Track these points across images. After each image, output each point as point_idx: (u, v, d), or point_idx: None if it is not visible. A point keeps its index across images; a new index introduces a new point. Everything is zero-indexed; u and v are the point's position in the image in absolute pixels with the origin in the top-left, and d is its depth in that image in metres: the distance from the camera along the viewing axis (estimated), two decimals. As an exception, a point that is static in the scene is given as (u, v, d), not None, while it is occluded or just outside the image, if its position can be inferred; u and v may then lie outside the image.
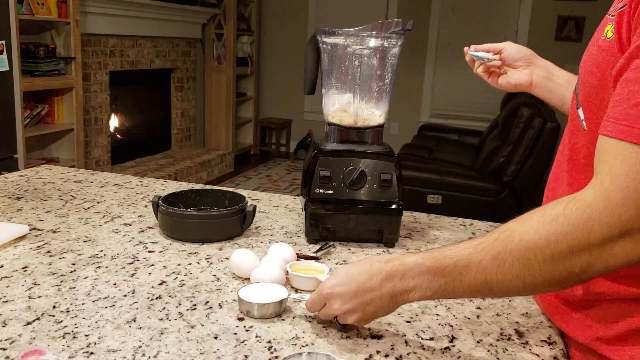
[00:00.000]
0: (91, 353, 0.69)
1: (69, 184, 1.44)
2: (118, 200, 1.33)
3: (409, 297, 0.71)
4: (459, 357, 0.73)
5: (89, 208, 1.26)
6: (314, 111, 6.28)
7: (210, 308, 0.82)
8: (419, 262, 0.70)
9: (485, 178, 3.34)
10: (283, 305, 0.82)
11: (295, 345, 0.74)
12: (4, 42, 2.93)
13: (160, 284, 0.90)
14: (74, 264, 0.96)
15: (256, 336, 0.75)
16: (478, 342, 0.77)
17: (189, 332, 0.75)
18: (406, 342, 0.76)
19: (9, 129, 3.08)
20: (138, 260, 0.98)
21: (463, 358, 0.73)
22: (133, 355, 0.69)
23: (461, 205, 3.27)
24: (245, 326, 0.78)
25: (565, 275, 0.63)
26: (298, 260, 0.98)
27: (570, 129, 0.79)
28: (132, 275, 0.92)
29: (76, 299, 0.83)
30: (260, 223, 1.21)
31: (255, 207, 1.14)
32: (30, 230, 1.10)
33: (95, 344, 0.71)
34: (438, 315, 0.84)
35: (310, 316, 0.81)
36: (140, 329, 0.76)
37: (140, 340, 0.73)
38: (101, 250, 1.02)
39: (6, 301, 0.82)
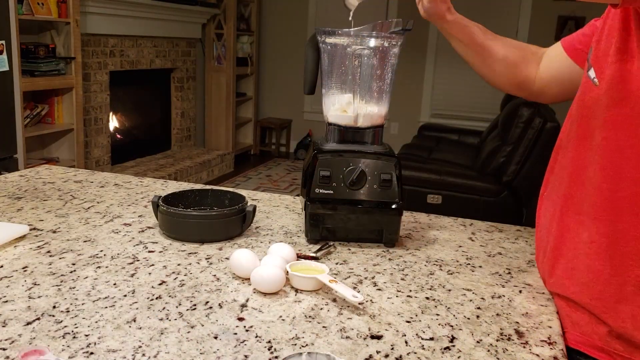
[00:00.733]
0: (91, 353, 0.69)
1: (69, 184, 1.45)
2: (118, 200, 1.33)
3: None
4: (459, 357, 0.73)
5: (89, 208, 1.26)
6: (314, 111, 6.28)
7: (210, 308, 0.83)
8: None
9: (485, 178, 3.34)
10: None
11: (295, 345, 0.74)
12: (4, 42, 2.93)
13: (160, 284, 0.90)
14: (74, 264, 0.96)
15: (256, 336, 0.75)
16: (478, 342, 0.77)
17: (189, 332, 0.75)
18: (406, 342, 0.76)
19: (9, 129, 3.09)
20: (138, 260, 0.98)
21: (463, 358, 0.73)
22: (133, 355, 0.69)
23: (461, 205, 3.27)
24: (245, 326, 0.78)
25: None
26: (298, 260, 0.98)
27: (579, 103, 0.85)
28: (132, 275, 0.92)
29: (76, 299, 0.83)
30: (260, 223, 1.21)
31: (255, 207, 1.14)
32: (30, 230, 1.10)
33: (95, 344, 0.71)
34: (438, 315, 0.84)
35: (310, 316, 0.81)
36: (140, 329, 0.76)
37: (140, 340, 0.73)
38: (101, 250, 1.02)
39: (6, 301, 0.82)
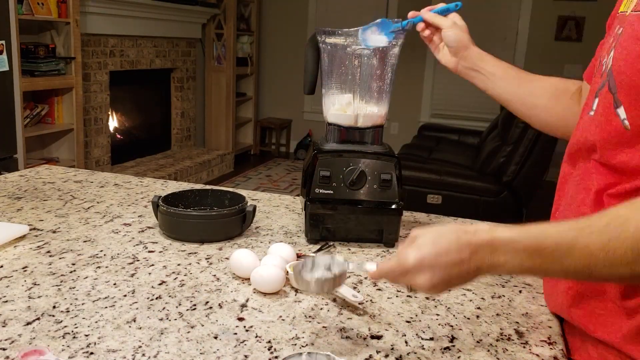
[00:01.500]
0: (91, 353, 0.69)
1: (69, 184, 1.45)
2: (118, 200, 1.33)
3: (495, 271, 0.68)
4: (459, 357, 0.73)
5: (89, 208, 1.26)
6: (314, 111, 6.28)
7: (210, 308, 0.83)
8: (514, 239, 0.66)
9: (485, 178, 3.34)
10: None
11: (295, 345, 0.74)
12: (4, 42, 2.93)
13: (160, 284, 0.90)
14: (74, 264, 0.96)
15: (256, 336, 0.75)
16: (478, 342, 0.77)
17: (189, 332, 0.75)
18: (406, 342, 0.76)
19: (9, 129, 3.08)
20: (138, 260, 0.98)
21: (463, 358, 0.73)
22: (133, 355, 0.69)
23: (461, 205, 3.27)
24: (245, 326, 0.78)
25: None
26: (298, 260, 0.98)
27: (600, 134, 0.75)
28: (132, 275, 0.92)
29: (76, 299, 0.83)
30: (260, 223, 1.21)
31: (255, 207, 1.14)
32: (30, 230, 1.10)
33: (95, 344, 0.71)
34: (438, 315, 0.84)
35: (310, 316, 0.82)
36: (140, 329, 0.76)
37: (140, 340, 0.73)
38: (101, 250, 1.02)
39: (6, 301, 0.82)
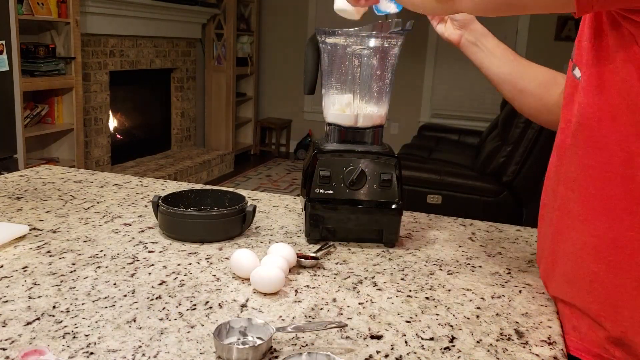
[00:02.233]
0: (91, 353, 0.69)
1: (69, 184, 1.45)
2: (118, 200, 1.33)
3: None
4: (458, 357, 0.73)
5: (89, 208, 1.26)
6: (314, 111, 6.28)
7: (210, 308, 0.83)
8: None
9: (485, 178, 3.34)
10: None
11: (295, 345, 0.74)
12: (4, 42, 2.93)
13: (160, 284, 0.90)
14: (74, 264, 0.96)
15: (256, 336, 0.75)
16: (478, 342, 0.77)
17: (189, 332, 0.75)
18: (406, 342, 0.76)
19: (9, 129, 3.09)
20: (138, 260, 0.98)
21: (463, 358, 0.73)
22: (133, 355, 0.69)
23: (461, 205, 3.27)
24: (245, 326, 0.78)
25: None
26: (298, 260, 0.98)
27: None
28: (132, 275, 0.92)
29: (76, 299, 0.83)
30: (260, 223, 1.21)
31: (255, 207, 1.14)
32: (30, 230, 1.10)
33: (95, 344, 0.71)
34: (438, 315, 0.84)
35: (310, 316, 0.82)
36: (140, 329, 0.76)
37: (140, 340, 0.73)
38: (101, 250, 1.02)
39: (6, 301, 0.82)
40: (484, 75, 1.11)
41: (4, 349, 0.69)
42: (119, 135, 4.74)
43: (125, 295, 0.85)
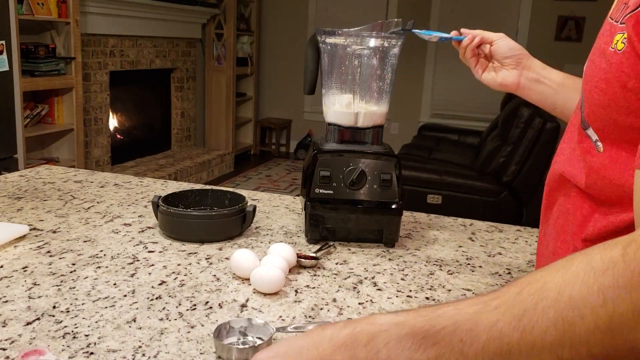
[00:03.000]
0: (91, 353, 0.69)
1: (69, 184, 1.45)
2: (118, 200, 1.33)
3: None
4: (459, 357, 0.73)
5: (89, 208, 1.26)
6: (314, 111, 6.28)
7: (210, 308, 0.83)
8: (398, 322, 0.47)
9: (485, 178, 3.34)
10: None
11: (295, 345, 0.74)
12: (4, 42, 2.93)
13: (160, 284, 0.90)
14: (74, 264, 0.96)
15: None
16: (478, 342, 0.77)
17: (189, 332, 0.75)
18: (406, 342, 0.76)
19: (9, 129, 3.09)
20: (138, 260, 0.98)
21: (463, 358, 0.73)
22: (133, 355, 0.69)
23: (461, 205, 3.27)
24: (245, 326, 0.78)
25: (625, 350, 0.42)
26: (298, 259, 0.98)
27: (580, 149, 0.67)
28: (132, 275, 0.92)
29: (76, 299, 0.83)
30: (260, 223, 1.21)
31: (255, 207, 1.14)
32: (30, 230, 1.10)
33: (95, 344, 0.71)
34: (438, 315, 0.84)
35: (310, 316, 0.81)
36: (140, 329, 0.76)
37: (140, 340, 0.73)
38: (101, 250, 1.02)
39: (6, 301, 0.82)
40: (544, 108, 0.95)
41: (4, 349, 0.69)
42: (119, 135, 4.74)
43: (125, 295, 0.85)
